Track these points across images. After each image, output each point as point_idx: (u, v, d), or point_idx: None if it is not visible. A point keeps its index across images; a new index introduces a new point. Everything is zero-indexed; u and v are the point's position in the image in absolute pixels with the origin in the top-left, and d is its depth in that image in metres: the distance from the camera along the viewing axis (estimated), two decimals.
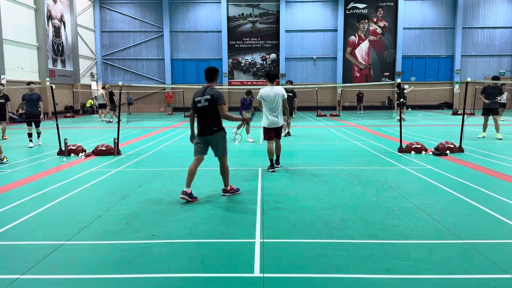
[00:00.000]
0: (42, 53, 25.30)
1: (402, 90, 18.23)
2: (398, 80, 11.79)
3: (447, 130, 15.78)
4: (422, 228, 4.61)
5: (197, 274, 3.51)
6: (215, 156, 6.07)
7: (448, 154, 9.63)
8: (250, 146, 11.75)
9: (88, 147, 10.80)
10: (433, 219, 4.90)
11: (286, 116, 9.04)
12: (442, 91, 33.47)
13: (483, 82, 29.10)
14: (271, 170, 7.97)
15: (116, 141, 10.11)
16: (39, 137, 12.42)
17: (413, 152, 9.89)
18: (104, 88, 23.05)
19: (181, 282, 3.40)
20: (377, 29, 33.53)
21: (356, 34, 33.62)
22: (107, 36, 33.79)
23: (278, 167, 8.20)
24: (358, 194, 6.10)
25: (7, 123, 21.18)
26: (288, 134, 14.16)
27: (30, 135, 12.02)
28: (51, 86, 11.04)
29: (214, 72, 5.91)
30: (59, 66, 28.04)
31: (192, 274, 3.52)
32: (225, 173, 6.10)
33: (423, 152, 9.85)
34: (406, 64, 33.56)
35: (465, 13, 32.83)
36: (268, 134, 8.12)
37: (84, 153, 9.93)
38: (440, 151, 9.75)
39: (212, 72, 5.90)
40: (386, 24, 33.43)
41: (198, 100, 5.83)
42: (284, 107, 8.09)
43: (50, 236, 4.48)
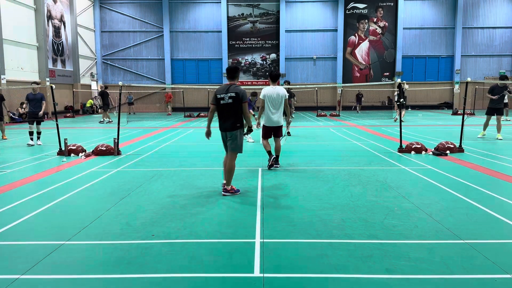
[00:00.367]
0: (42, 53, 25.30)
1: (402, 90, 18.23)
2: (398, 80, 11.78)
3: (447, 130, 15.78)
4: (422, 228, 4.61)
5: (197, 274, 3.51)
6: (230, 151, 6.18)
7: (448, 154, 9.63)
8: (250, 146, 11.75)
9: (88, 147, 10.80)
10: (433, 219, 4.89)
11: (287, 116, 9.10)
12: (442, 91, 33.47)
13: (483, 82, 29.14)
14: (274, 164, 8.10)
15: (116, 141, 10.10)
16: (39, 138, 12.49)
17: (413, 152, 9.89)
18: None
19: (181, 282, 3.40)
20: (377, 29, 33.53)
21: (356, 34, 33.62)
22: (107, 36, 33.79)
23: (278, 167, 8.21)
24: (358, 194, 6.10)
25: (7, 123, 21.24)
26: (288, 134, 14.18)
27: (31, 133, 12.34)
28: (51, 86, 11.05)
29: (236, 70, 6.17)
30: (59, 66, 28.04)
31: (192, 274, 3.52)
32: (230, 171, 6.16)
33: (423, 152, 9.85)
34: (406, 64, 33.56)
35: (465, 13, 32.83)
36: (267, 132, 8.20)
37: (84, 153, 9.93)
38: (440, 151, 9.74)
39: (234, 70, 6.15)
40: (386, 24, 33.42)
41: (222, 97, 6.04)
42: (285, 107, 8.21)
43: (50, 236, 4.48)
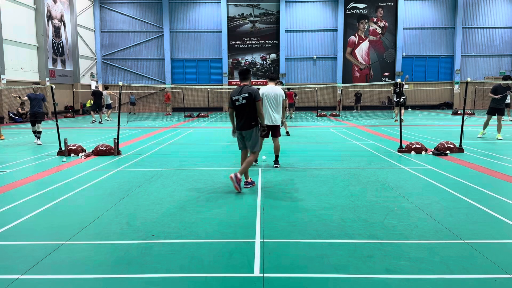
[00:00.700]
0: (42, 53, 25.30)
1: (401, 88, 18.20)
2: (398, 80, 11.78)
3: (447, 130, 15.78)
4: (422, 228, 4.61)
5: (197, 274, 3.51)
6: (250, 150, 6.59)
7: (448, 154, 9.63)
8: None
9: (88, 147, 10.80)
10: (433, 219, 4.89)
11: (282, 116, 9.14)
12: (442, 91, 33.47)
13: (483, 82, 29.15)
14: (274, 164, 8.33)
15: (116, 141, 10.11)
16: (39, 137, 12.59)
17: (413, 152, 9.89)
18: (106, 88, 23.07)
19: (181, 282, 3.40)
20: (377, 29, 33.53)
21: (356, 34, 33.62)
22: (107, 36, 33.79)
23: (277, 167, 8.23)
24: (358, 194, 6.10)
25: (6, 123, 21.25)
26: (287, 133, 14.19)
27: (35, 132, 12.67)
28: (51, 86, 11.06)
29: (248, 72, 6.53)
30: (59, 66, 28.04)
31: (192, 274, 3.52)
32: (247, 165, 6.51)
33: (423, 152, 9.85)
34: (406, 64, 33.56)
35: (465, 13, 32.83)
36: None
37: (84, 153, 9.93)
38: (440, 151, 9.74)
39: (245, 72, 6.51)
40: (386, 24, 33.43)
41: (236, 98, 6.37)
42: (282, 107, 8.31)
43: (50, 236, 4.48)
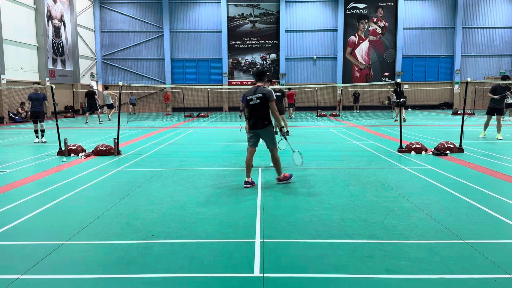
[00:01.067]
0: (42, 53, 25.29)
1: (402, 89, 18.17)
2: (398, 80, 11.78)
3: (447, 130, 15.78)
4: (422, 228, 4.61)
5: (197, 274, 3.51)
6: (267, 148, 6.80)
7: (448, 154, 9.63)
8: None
9: (88, 147, 10.80)
10: (433, 219, 4.90)
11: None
12: (442, 91, 33.47)
13: (483, 82, 29.14)
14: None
15: (116, 141, 10.11)
16: (43, 135, 12.91)
17: (413, 152, 9.89)
18: (107, 88, 23.06)
19: (181, 282, 3.40)
20: (377, 29, 33.53)
21: (356, 34, 33.62)
22: (107, 36, 33.79)
23: (272, 167, 8.11)
24: (358, 194, 6.10)
25: (6, 123, 21.25)
26: (287, 133, 14.17)
27: (36, 132, 12.89)
28: (51, 86, 11.07)
29: (263, 73, 6.78)
30: (59, 66, 28.04)
31: (192, 274, 3.52)
32: (277, 163, 6.77)
33: (423, 152, 9.85)
34: (406, 64, 33.57)
35: (465, 13, 32.83)
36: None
37: (84, 153, 9.93)
38: (440, 151, 9.75)
39: (261, 73, 6.76)
40: (386, 24, 33.43)
41: (251, 98, 6.61)
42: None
43: (50, 236, 4.48)
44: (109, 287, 3.33)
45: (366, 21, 33.49)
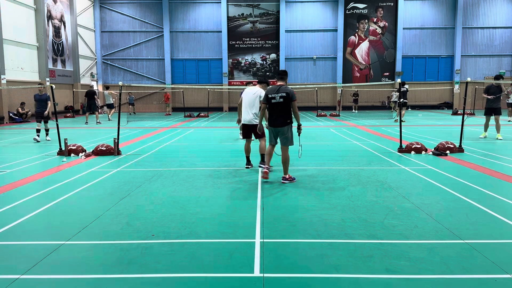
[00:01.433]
0: (42, 53, 25.29)
1: (402, 89, 18.20)
2: (398, 80, 11.78)
3: (447, 130, 15.78)
4: (422, 228, 4.61)
5: (197, 274, 3.51)
6: (282, 145, 6.96)
7: (448, 154, 9.63)
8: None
9: (88, 147, 10.80)
10: (433, 219, 4.90)
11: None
12: (442, 91, 33.47)
13: (483, 82, 29.13)
14: (246, 167, 8.29)
15: (116, 141, 10.11)
16: (48, 134, 13.32)
17: (413, 152, 9.89)
18: (107, 88, 23.06)
19: (181, 282, 3.40)
20: (377, 29, 33.53)
21: (356, 34, 33.62)
22: (107, 36, 33.78)
23: (261, 167, 7.82)
24: (358, 194, 6.10)
25: (7, 123, 21.25)
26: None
27: (38, 131, 13.25)
28: (51, 86, 11.11)
29: (285, 73, 7.10)
30: (59, 66, 28.03)
31: (192, 274, 3.52)
32: (286, 162, 6.92)
33: (423, 152, 9.85)
34: (406, 64, 33.56)
35: (465, 13, 32.83)
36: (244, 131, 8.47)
37: (84, 153, 9.93)
38: (440, 151, 9.75)
39: (283, 73, 7.08)
40: (386, 24, 33.42)
41: (273, 96, 6.83)
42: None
43: (50, 236, 4.48)
44: (109, 287, 3.33)
45: (366, 21, 33.48)
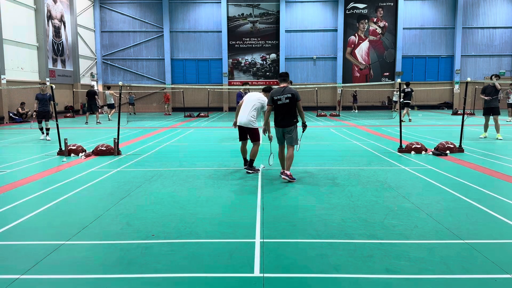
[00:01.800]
0: (42, 53, 25.28)
1: (404, 90, 18.18)
2: (398, 80, 11.78)
3: (447, 130, 15.78)
4: (422, 228, 4.61)
5: (197, 274, 3.51)
6: (288, 144, 7.16)
7: (448, 154, 9.63)
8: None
9: (88, 147, 10.80)
10: (433, 219, 4.89)
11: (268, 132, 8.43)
12: (442, 91, 33.46)
13: (483, 82, 29.13)
14: (245, 167, 8.01)
15: (116, 141, 10.11)
16: (48, 133, 13.44)
17: (413, 152, 9.89)
18: (109, 88, 23.06)
19: (181, 282, 3.40)
20: (377, 29, 33.52)
21: (356, 34, 33.61)
22: (107, 36, 33.78)
23: (249, 173, 7.73)
24: (358, 194, 6.10)
25: (7, 123, 21.24)
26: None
27: (41, 129, 13.62)
28: (51, 86, 11.16)
29: (288, 75, 7.34)
30: (59, 66, 28.03)
31: (192, 274, 3.52)
32: (291, 159, 7.10)
33: (423, 152, 9.85)
34: (406, 64, 33.56)
35: (465, 13, 32.83)
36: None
37: (84, 153, 9.93)
38: (440, 151, 9.74)
39: (285, 74, 7.28)
40: (386, 24, 33.42)
41: (279, 98, 7.02)
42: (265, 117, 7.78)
43: (50, 236, 4.48)
44: (109, 287, 3.33)
45: (366, 21, 33.48)
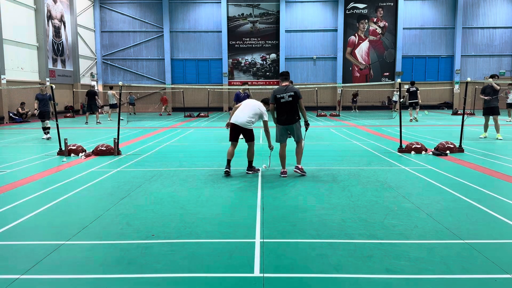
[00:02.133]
0: (42, 53, 25.28)
1: (409, 90, 18.17)
2: (398, 80, 11.77)
3: (447, 130, 15.78)
4: (422, 228, 4.61)
5: (197, 274, 3.51)
6: (295, 140, 7.50)
7: (448, 154, 9.63)
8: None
9: (88, 147, 10.80)
10: (433, 219, 4.89)
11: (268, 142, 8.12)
12: (442, 91, 33.45)
13: (483, 82, 29.13)
14: (247, 170, 7.85)
15: (116, 141, 10.11)
16: (48, 132, 13.68)
17: (413, 152, 9.89)
18: (111, 88, 23.08)
19: (181, 282, 3.40)
20: (377, 29, 33.52)
21: (356, 34, 33.60)
22: (107, 36, 33.77)
23: (249, 173, 7.77)
24: (358, 194, 6.10)
25: (7, 123, 21.24)
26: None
27: (44, 129, 13.87)
28: (51, 86, 11.16)
29: (288, 73, 7.59)
30: (59, 66, 28.02)
31: (192, 274, 3.52)
32: (300, 153, 7.45)
33: (423, 152, 9.85)
34: (406, 64, 33.55)
35: (465, 13, 32.82)
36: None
37: (84, 153, 9.93)
38: (440, 151, 9.74)
39: (287, 74, 7.55)
40: (386, 24, 33.41)
41: (281, 96, 7.26)
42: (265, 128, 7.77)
43: (50, 236, 4.48)
44: (109, 287, 3.33)
45: (366, 21, 33.47)
